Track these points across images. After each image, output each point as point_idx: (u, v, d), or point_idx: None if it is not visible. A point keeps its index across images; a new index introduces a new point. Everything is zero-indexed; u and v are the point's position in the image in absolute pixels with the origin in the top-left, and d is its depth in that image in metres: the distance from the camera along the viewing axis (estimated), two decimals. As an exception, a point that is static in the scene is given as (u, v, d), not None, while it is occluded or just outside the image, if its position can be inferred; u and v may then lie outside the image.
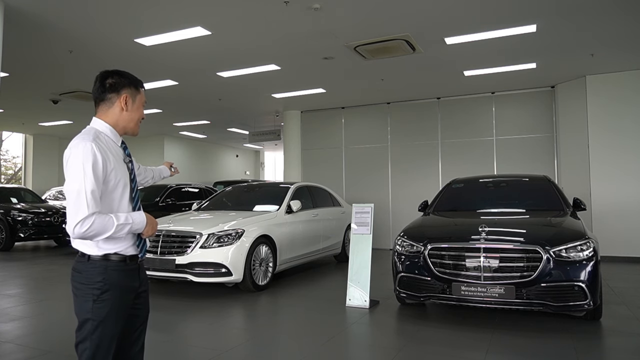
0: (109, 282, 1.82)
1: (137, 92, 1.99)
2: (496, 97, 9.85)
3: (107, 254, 1.84)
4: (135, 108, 1.98)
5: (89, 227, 1.71)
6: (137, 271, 1.95)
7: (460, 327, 4.29)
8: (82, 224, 1.70)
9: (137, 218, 1.86)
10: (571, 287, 3.89)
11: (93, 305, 1.79)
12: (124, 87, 1.94)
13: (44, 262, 8.53)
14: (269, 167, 25.32)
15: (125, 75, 1.97)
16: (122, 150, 1.97)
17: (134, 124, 2.00)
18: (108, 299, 1.81)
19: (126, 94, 1.94)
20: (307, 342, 3.93)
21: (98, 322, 1.79)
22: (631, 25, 6.05)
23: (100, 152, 1.79)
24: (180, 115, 12.61)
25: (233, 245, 5.50)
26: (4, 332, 4.18)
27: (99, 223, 1.73)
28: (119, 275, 1.85)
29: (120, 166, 1.89)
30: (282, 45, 6.78)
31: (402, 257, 4.55)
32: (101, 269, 1.82)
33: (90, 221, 1.71)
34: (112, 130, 1.93)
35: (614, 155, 8.28)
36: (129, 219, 1.82)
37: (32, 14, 5.53)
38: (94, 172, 1.74)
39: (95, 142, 1.80)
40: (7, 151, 27.78)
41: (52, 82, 8.72)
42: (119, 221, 1.78)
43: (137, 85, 2.00)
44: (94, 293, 1.80)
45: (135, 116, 1.99)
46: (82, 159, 1.74)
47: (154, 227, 1.93)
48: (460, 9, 5.51)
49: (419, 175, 10.38)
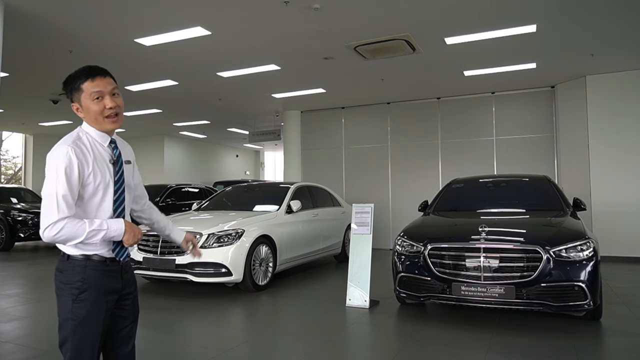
0: (87, 282, 1.79)
1: (80, 91, 1.82)
2: (496, 97, 9.85)
3: (85, 254, 1.81)
4: (85, 109, 1.83)
5: (59, 232, 1.69)
6: (119, 272, 1.90)
7: (460, 327, 4.29)
8: (51, 228, 1.69)
9: (114, 225, 1.78)
10: (571, 287, 3.89)
11: (72, 305, 1.78)
12: (71, 94, 1.85)
13: (44, 262, 8.53)
14: (269, 167, 25.32)
15: (67, 80, 1.85)
16: (110, 150, 1.90)
17: (98, 122, 1.84)
18: (87, 299, 1.79)
19: (74, 102, 1.85)
20: (307, 342, 3.93)
21: (78, 322, 1.77)
22: (631, 25, 6.04)
23: (77, 155, 1.76)
24: (180, 115, 12.61)
25: (233, 245, 5.50)
26: (4, 332, 4.18)
27: (69, 228, 1.70)
28: (98, 275, 1.82)
29: (101, 168, 1.83)
30: (282, 45, 6.78)
31: (402, 257, 4.55)
32: (80, 268, 1.80)
33: (60, 225, 1.69)
34: (96, 131, 1.87)
35: (614, 155, 8.28)
36: (104, 226, 1.75)
37: (32, 14, 5.53)
38: (67, 176, 1.72)
39: (73, 145, 1.77)
40: (7, 151, 27.77)
41: (52, 82, 8.71)
42: (91, 227, 1.73)
43: (78, 82, 1.82)
44: (73, 292, 1.78)
45: (91, 115, 1.83)
46: (56, 163, 1.73)
47: (135, 236, 1.82)
48: (460, 9, 5.51)
49: (419, 175, 10.38)
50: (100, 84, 1.82)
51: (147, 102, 10.57)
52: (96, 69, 1.85)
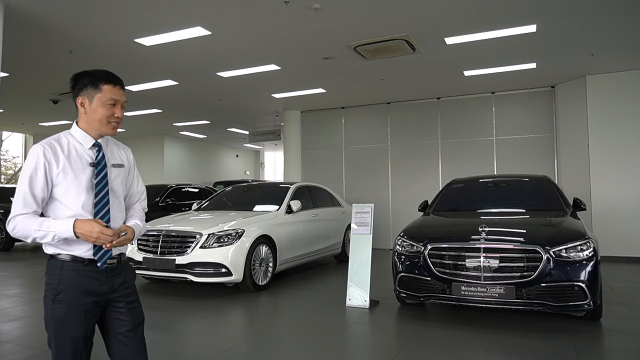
0: (63, 282, 1.80)
1: (97, 90, 1.84)
2: (496, 97, 9.85)
3: (60, 253, 1.83)
4: (93, 108, 1.85)
5: (14, 227, 1.75)
6: (103, 275, 1.85)
7: (460, 327, 4.29)
8: (9, 223, 1.77)
9: (61, 227, 1.74)
10: (571, 287, 3.89)
11: (52, 305, 1.80)
12: (81, 89, 1.86)
13: (44, 262, 8.43)
14: (269, 167, 25.32)
15: (85, 75, 1.87)
16: (92, 152, 1.88)
17: (100, 124, 1.86)
18: (64, 300, 1.79)
19: (82, 96, 1.85)
20: (307, 342, 3.93)
21: (58, 323, 1.79)
22: (631, 25, 6.04)
23: (45, 154, 1.77)
24: (180, 115, 12.60)
25: (233, 245, 5.50)
26: (4, 332, 4.18)
27: (22, 225, 1.75)
28: (75, 276, 1.81)
29: (75, 168, 1.81)
30: (282, 45, 6.78)
31: (402, 257, 4.55)
32: (57, 269, 1.82)
33: (15, 222, 1.75)
34: (82, 133, 1.87)
35: (614, 155, 8.28)
36: (51, 227, 1.74)
37: (32, 14, 5.53)
38: (31, 175, 1.76)
39: (46, 145, 1.79)
40: (7, 151, 27.77)
41: (52, 82, 8.72)
42: (40, 227, 1.74)
43: (98, 82, 1.84)
44: (51, 293, 1.81)
45: (96, 116, 1.85)
46: (27, 162, 1.78)
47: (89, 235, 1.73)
48: (460, 9, 5.51)
49: (419, 175, 10.38)
50: (119, 93, 1.89)
51: (147, 102, 10.57)
52: (118, 77, 1.90)
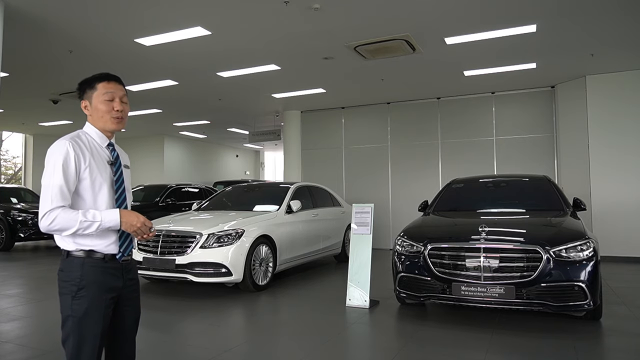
0: (85, 279, 1.85)
1: (94, 89, 1.97)
2: (496, 97, 9.85)
3: (83, 249, 1.86)
4: (94, 107, 1.97)
5: (53, 221, 1.77)
6: (119, 271, 1.95)
7: (460, 327, 4.29)
8: (46, 217, 1.77)
9: (108, 217, 1.83)
10: (571, 287, 3.89)
11: (72, 301, 1.83)
12: (82, 95, 2.00)
13: (44, 262, 8.53)
14: (269, 167, 25.32)
15: (83, 81, 2.01)
16: (109, 152, 2.00)
17: (104, 121, 1.97)
18: (85, 296, 1.84)
19: (84, 100, 1.99)
20: (307, 342, 3.93)
21: (78, 319, 1.82)
22: (631, 25, 6.04)
23: (74, 149, 1.86)
24: (180, 115, 12.60)
25: (233, 245, 5.50)
26: (4, 332, 4.18)
27: (62, 217, 1.77)
28: (96, 272, 1.87)
29: (99, 166, 1.92)
30: (282, 45, 6.78)
31: (402, 257, 4.55)
32: (78, 265, 1.86)
33: (54, 215, 1.77)
34: (97, 132, 1.99)
35: (614, 155, 8.28)
36: (97, 217, 1.81)
37: (32, 14, 5.53)
38: (64, 168, 1.82)
39: (71, 141, 1.87)
40: (7, 151, 27.77)
41: (52, 82, 8.71)
42: (85, 217, 1.79)
43: (93, 83, 1.97)
44: (72, 290, 1.84)
45: (98, 114, 1.97)
46: (54, 156, 1.83)
47: (133, 225, 1.86)
48: (460, 9, 5.51)
49: (419, 175, 10.38)
50: (114, 87, 1.99)
51: (147, 102, 10.57)
52: (113, 75, 2.02)
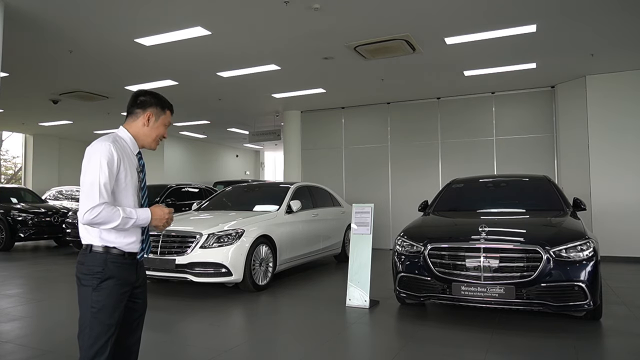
0: (107, 272, 1.98)
1: (162, 112, 2.20)
2: (496, 97, 9.85)
3: (106, 246, 2.00)
4: (155, 126, 2.18)
5: (98, 215, 1.90)
6: (134, 267, 2.10)
7: (460, 327, 4.29)
8: (91, 211, 1.90)
9: (142, 214, 2.03)
10: (571, 287, 3.89)
11: (92, 293, 1.95)
12: (150, 105, 2.17)
13: (44, 262, 8.53)
14: (269, 167, 25.32)
15: (156, 96, 2.22)
16: (137, 159, 2.15)
17: (152, 140, 2.19)
18: (106, 288, 1.96)
19: (150, 112, 2.17)
20: (307, 342, 3.93)
21: (97, 310, 1.94)
22: (631, 25, 6.04)
23: (117, 151, 2.01)
24: (180, 115, 12.59)
25: (233, 245, 5.50)
26: (4, 332, 4.18)
27: (106, 212, 1.92)
28: (117, 267, 2.01)
29: (131, 170, 2.08)
30: (282, 45, 6.78)
31: (402, 257, 4.55)
32: (101, 260, 1.98)
33: (99, 209, 1.90)
34: (131, 139, 2.15)
35: (614, 155, 8.28)
36: (133, 214, 1.99)
37: (32, 14, 5.53)
38: (109, 167, 1.96)
39: (115, 143, 2.03)
40: (7, 151, 27.74)
41: (52, 82, 8.71)
42: (124, 213, 1.96)
43: (164, 107, 2.22)
44: (93, 282, 1.96)
45: (154, 133, 2.18)
46: (100, 155, 1.96)
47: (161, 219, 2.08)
48: (460, 9, 5.51)
49: (419, 175, 10.38)
50: (171, 120, 2.28)
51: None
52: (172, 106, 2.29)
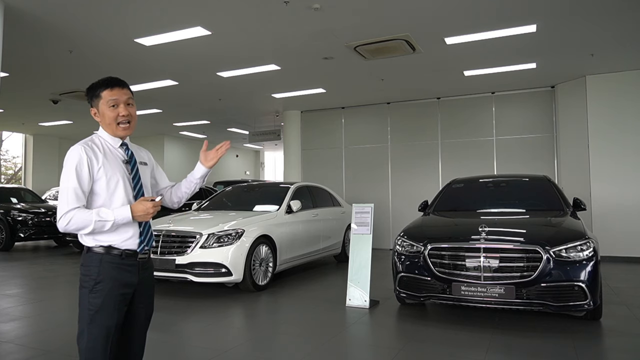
0: (102, 273, 1.92)
1: (99, 97, 2.02)
2: (496, 97, 9.85)
3: (103, 246, 1.94)
4: (103, 113, 2.02)
5: (70, 221, 1.86)
6: (135, 268, 2.01)
7: (460, 327, 4.29)
8: (63, 218, 1.86)
9: (120, 214, 1.92)
10: (571, 287, 3.89)
11: (89, 295, 1.91)
12: (89, 101, 2.06)
13: (44, 262, 8.53)
14: (269, 167, 25.32)
15: (88, 89, 2.05)
16: (123, 151, 2.08)
17: (111, 128, 2.03)
18: (101, 290, 1.91)
19: (93, 107, 2.05)
20: (307, 342, 3.93)
21: (94, 312, 1.89)
22: (631, 25, 6.04)
23: (86, 152, 1.94)
24: (180, 115, 12.61)
25: (233, 245, 5.50)
26: (4, 332, 4.18)
27: (78, 217, 1.87)
28: (113, 268, 1.94)
29: (113, 165, 2.00)
30: (282, 45, 6.77)
31: (402, 257, 4.55)
32: (97, 261, 1.94)
33: (70, 216, 1.86)
34: (108, 135, 2.07)
35: (614, 155, 8.28)
36: (109, 216, 1.90)
37: (32, 14, 5.53)
38: (77, 171, 1.90)
39: (84, 145, 1.95)
40: (7, 151, 27.76)
41: (52, 82, 8.71)
42: (99, 217, 1.88)
43: (97, 90, 2.02)
44: (90, 284, 1.92)
45: (107, 120, 2.02)
46: (69, 161, 1.92)
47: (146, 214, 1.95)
48: (460, 9, 5.51)
49: (419, 175, 10.38)
50: (117, 93, 2.02)
51: (147, 102, 10.57)
52: (115, 79, 2.05)
